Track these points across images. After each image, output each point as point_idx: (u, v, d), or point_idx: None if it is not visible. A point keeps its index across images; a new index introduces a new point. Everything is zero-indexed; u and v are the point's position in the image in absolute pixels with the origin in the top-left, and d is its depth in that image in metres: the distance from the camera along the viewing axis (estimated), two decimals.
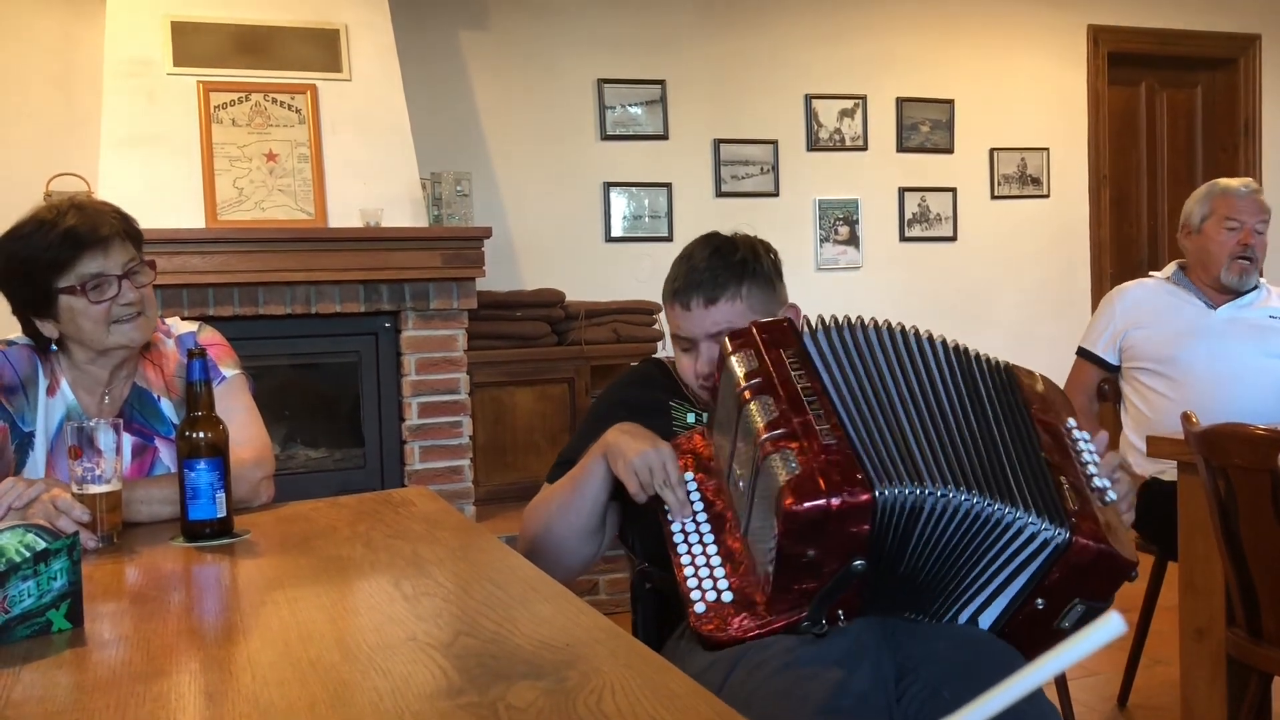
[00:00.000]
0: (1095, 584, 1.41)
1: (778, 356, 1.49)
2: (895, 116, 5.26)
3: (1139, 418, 2.87)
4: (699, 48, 4.93)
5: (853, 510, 1.32)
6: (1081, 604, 1.42)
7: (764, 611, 1.38)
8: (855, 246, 5.19)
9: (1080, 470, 1.48)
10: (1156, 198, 5.87)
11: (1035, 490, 1.40)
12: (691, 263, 1.73)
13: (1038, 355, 5.26)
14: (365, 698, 0.96)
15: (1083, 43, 5.58)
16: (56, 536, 1.22)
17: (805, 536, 1.32)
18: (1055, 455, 1.47)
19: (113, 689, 1.01)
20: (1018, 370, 1.60)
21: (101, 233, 1.77)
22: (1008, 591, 1.43)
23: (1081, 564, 1.38)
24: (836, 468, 1.33)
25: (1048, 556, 1.38)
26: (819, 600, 1.36)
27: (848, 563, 1.35)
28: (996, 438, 1.46)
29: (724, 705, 0.92)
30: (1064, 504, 1.39)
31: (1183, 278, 2.93)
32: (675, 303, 1.74)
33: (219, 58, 3.81)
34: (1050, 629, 1.45)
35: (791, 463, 1.35)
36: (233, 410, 1.84)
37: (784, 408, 1.41)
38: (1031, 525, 1.36)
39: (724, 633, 1.39)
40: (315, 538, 1.62)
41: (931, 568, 1.40)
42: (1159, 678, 3.10)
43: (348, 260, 3.71)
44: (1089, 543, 1.37)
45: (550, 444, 4.27)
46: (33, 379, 1.86)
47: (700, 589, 1.43)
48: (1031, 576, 1.40)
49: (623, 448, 1.56)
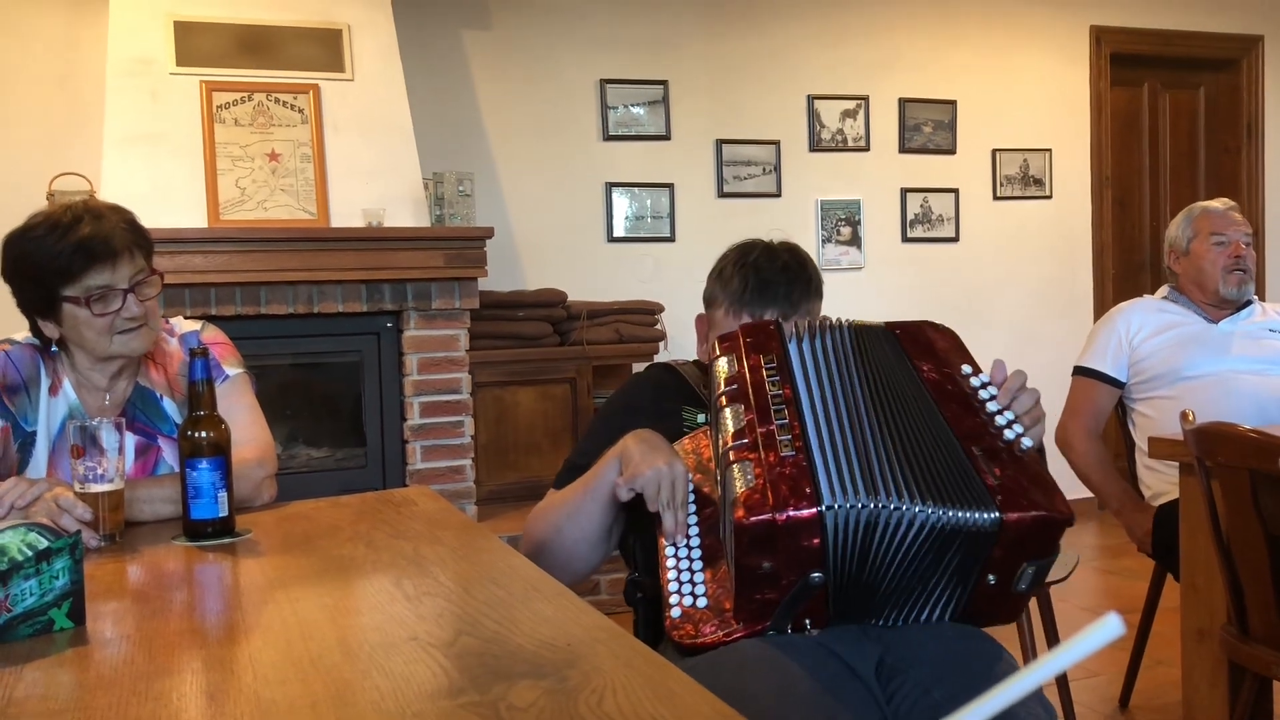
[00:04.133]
0: (1037, 545, 1.39)
1: (756, 362, 1.50)
2: (898, 117, 5.26)
3: (1150, 432, 2.87)
4: (701, 48, 4.93)
5: (799, 525, 1.32)
6: (1031, 565, 1.41)
7: (731, 619, 1.40)
8: (857, 247, 5.19)
9: (988, 423, 1.45)
10: (1159, 199, 5.87)
11: (955, 477, 1.38)
12: (762, 275, 1.74)
13: (1040, 356, 5.31)
14: (366, 697, 0.96)
15: (1085, 43, 5.58)
16: (59, 535, 1.23)
17: (758, 549, 1.34)
18: (962, 421, 1.45)
19: (115, 687, 1.01)
20: (901, 332, 1.58)
21: (113, 246, 1.76)
22: (964, 584, 1.42)
23: (1019, 536, 1.37)
24: (787, 481, 1.34)
25: (984, 541, 1.37)
26: (781, 610, 1.38)
27: (805, 574, 1.36)
28: (906, 426, 1.44)
29: (724, 705, 0.92)
30: (984, 480, 1.37)
31: (1179, 296, 2.96)
32: (744, 311, 1.73)
33: (222, 57, 3.81)
34: (1009, 594, 1.44)
35: (748, 474, 1.36)
36: (235, 409, 1.84)
37: (750, 417, 1.43)
38: (964, 519, 1.35)
39: (695, 639, 1.40)
40: (317, 537, 1.62)
41: (893, 577, 1.40)
42: (1160, 679, 3.10)
43: (350, 260, 3.71)
44: (1020, 515, 1.35)
45: (552, 444, 4.27)
46: (35, 379, 1.86)
47: (679, 594, 1.45)
48: (976, 562, 1.39)
49: (638, 457, 1.55)
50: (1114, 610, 0.49)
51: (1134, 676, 3.01)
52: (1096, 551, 4.77)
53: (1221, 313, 2.89)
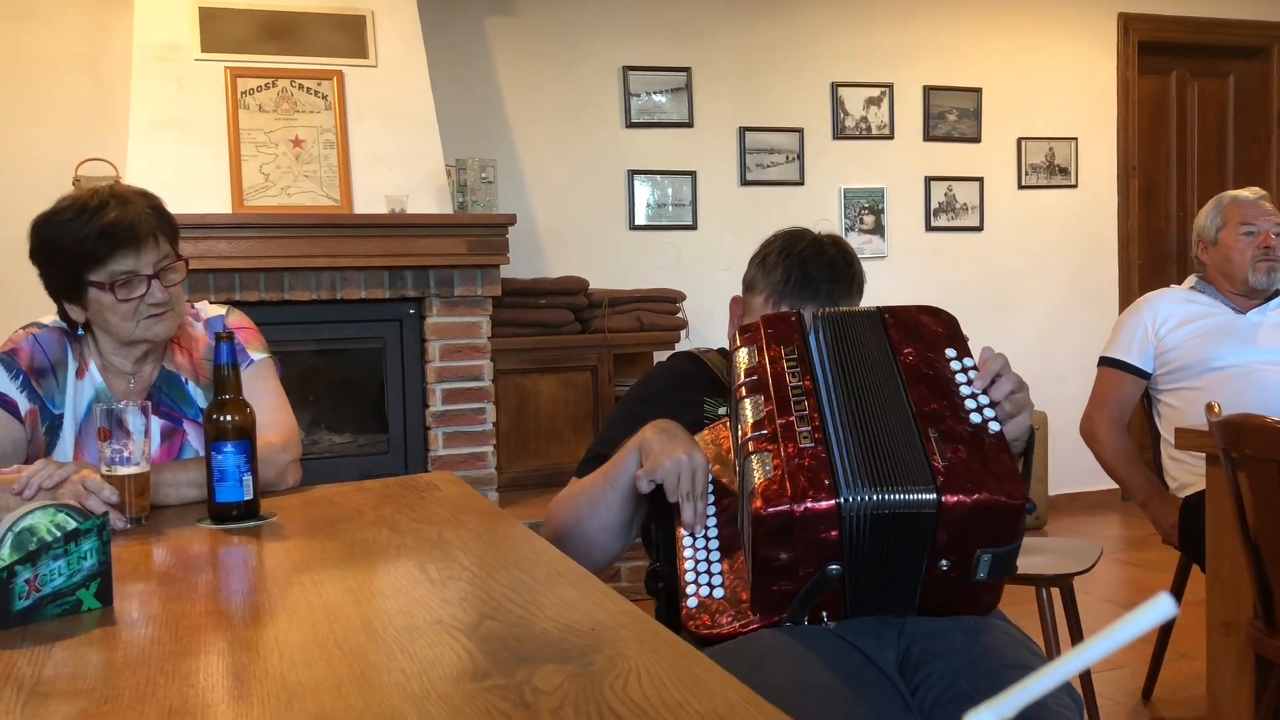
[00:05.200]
0: (988, 532, 1.35)
1: (776, 353, 1.49)
2: (922, 105, 5.23)
3: (1176, 423, 2.84)
4: (725, 35, 4.91)
5: (817, 516, 1.32)
6: (986, 552, 1.36)
7: (747, 610, 1.40)
8: (881, 236, 5.17)
9: (956, 409, 1.41)
10: (1186, 189, 5.81)
11: (906, 458, 1.36)
12: (806, 269, 1.72)
13: (1065, 345, 5.28)
14: (392, 679, 0.96)
15: (1113, 31, 5.52)
16: (86, 517, 1.23)
17: (775, 540, 1.33)
18: (929, 403, 1.41)
19: (142, 667, 1.02)
20: (889, 318, 1.55)
21: (138, 232, 1.77)
22: (916, 572, 1.39)
23: (961, 520, 1.33)
24: (806, 472, 1.34)
25: (928, 522, 1.33)
26: (798, 602, 1.38)
27: (822, 566, 1.35)
28: (883, 413, 1.42)
29: (747, 690, 0.91)
30: (930, 461, 1.35)
31: (1206, 286, 2.92)
32: (783, 303, 1.72)
33: (246, 43, 3.82)
34: (969, 584, 1.40)
35: (767, 465, 1.36)
36: (260, 394, 1.85)
37: (770, 408, 1.42)
38: (907, 499, 1.33)
39: (711, 629, 1.40)
40: (341, 521, 1.63)
41: (889, 567, 1.39)
42: (1185, 671, 3.08)
43: (373, 247, 3.72)
44: (959, 498, 1.32)
45: (573, 432, 4.27)
46: (63, 362, 1.88)
47: (696, 584, 1.45)
48: (921, 548, 1.36)
49: (657, 448, 1.54)
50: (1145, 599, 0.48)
51: (1157, 668, 2.99)
52: (1120, 543, 4.74)
53: (1250, 303, 2.86)
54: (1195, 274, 3.00)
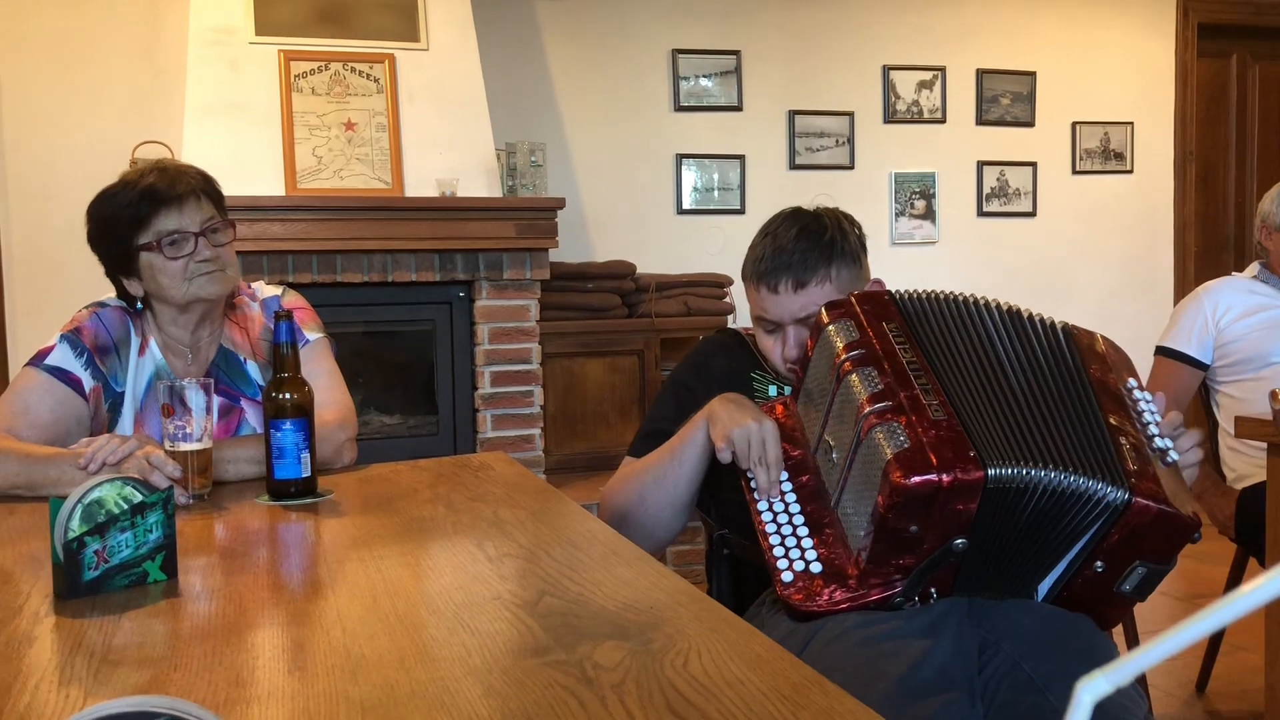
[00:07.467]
0: (1156, 545, 1.38)
1: (881, 329, 1.47)
2: (975, 88, 5.16)
3: (1236, 414, 2.79)
4: (775, 17, 4.88)
5: (964, 487, 1.30)
6: (1143, 565, 1.39)
7: (856, 584, 1.37)
8: (931, 221, 5.11)
9: (1141, 431, 1.45)
10: (1245, 175, 5.69)
11: (1094, 452, 1.37)
12: (778, 242, 1.68)
13: (1119, 334, 5.15)
14: (454, 653, 0.97)
15: (1172, 12, 5.41)
16: (152, 490, 1.26)
17: (910, 511, 1.31)
18: (1115, 416, 1.43)
19: (209, 638, 1.04)
20: (1075, 331, 1.55)
21: (177, 190, 1.81)
22: (1066, 556, 1.40)
23: (1141, 525, 1.35)
24: (949, 444, 1.32)
25: (1107, 519, 1.35)
26: (915, 576, 1.35)
27: (948, 540, 1.33)
28: (1057, 405, 1.42)
29: (810, 670, 0.91)
30: (1123, 464, 1.36)
31: (1269, 275, 2.85)
32: (761, 284, 1.69)
33: (299, 27, 3.85)
34: (1110, 592, 1.42)
35: (899, 436, 1.33)
36: (317, 373, 1.87)
37: (889, 380, 1.40)
38: (1094, 489, 1.34)
39: (813, 603, 1.38)
40: (397, 499, 1.64)
41: (1019, 546, 1.38)
42: (1240, 664, 3.04)
43: (423, 230, 3.75)
44: (1148, 503, 1.34)
45: (620, 415, 4.28)
46: (125, 340, 1.91)
47: (788, 558, 1.42)
48: (1090, 539, 1.37)
49: (726, 417, 1.54)
50: (1193, 595, 0.47)
51: (1212, 661, 2.95)
52: None
53: None
54: (1258, 261, 2.93)
